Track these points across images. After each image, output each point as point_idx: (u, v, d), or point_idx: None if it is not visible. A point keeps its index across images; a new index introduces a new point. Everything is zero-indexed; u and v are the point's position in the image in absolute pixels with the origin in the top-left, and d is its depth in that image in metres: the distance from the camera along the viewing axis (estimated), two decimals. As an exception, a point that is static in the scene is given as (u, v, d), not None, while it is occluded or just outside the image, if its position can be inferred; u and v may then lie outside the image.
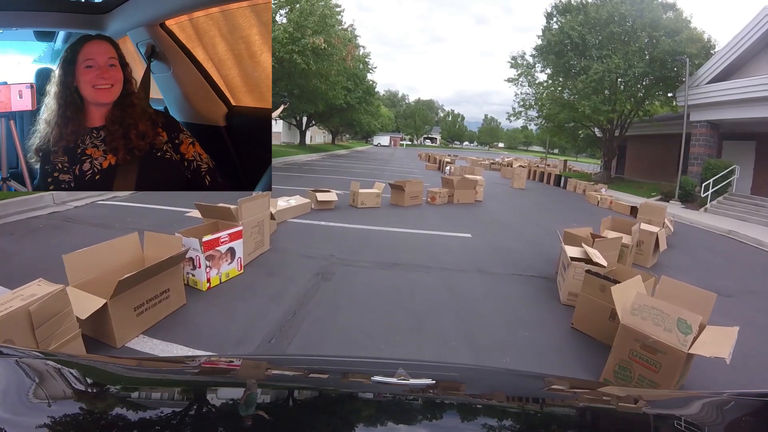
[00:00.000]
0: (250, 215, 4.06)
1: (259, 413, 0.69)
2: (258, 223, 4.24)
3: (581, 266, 3.89)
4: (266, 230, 4.49)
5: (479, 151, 78.66)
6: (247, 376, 1.00)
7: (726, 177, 13.80)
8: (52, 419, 0.60)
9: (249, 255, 4.14)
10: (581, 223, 8.92)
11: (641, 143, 22.94)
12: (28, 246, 4.26)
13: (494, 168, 25.64)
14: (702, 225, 10.56)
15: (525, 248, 5.92)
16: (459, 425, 0.73)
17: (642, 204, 8.53)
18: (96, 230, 5.00)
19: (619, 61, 17.37)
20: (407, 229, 6.34)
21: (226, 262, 3.66)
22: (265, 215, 4.39)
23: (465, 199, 9.76)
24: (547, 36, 20.52)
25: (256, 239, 4.27)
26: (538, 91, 22.81)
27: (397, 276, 4.20)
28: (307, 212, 6.84)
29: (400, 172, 18.80)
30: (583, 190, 15.76)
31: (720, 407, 0.88)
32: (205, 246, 3.40)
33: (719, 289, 4.86)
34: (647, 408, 0.92)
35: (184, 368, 1.04)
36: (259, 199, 4.20)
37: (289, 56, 14.38)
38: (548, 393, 1.02)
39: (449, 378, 1.09)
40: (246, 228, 3.98)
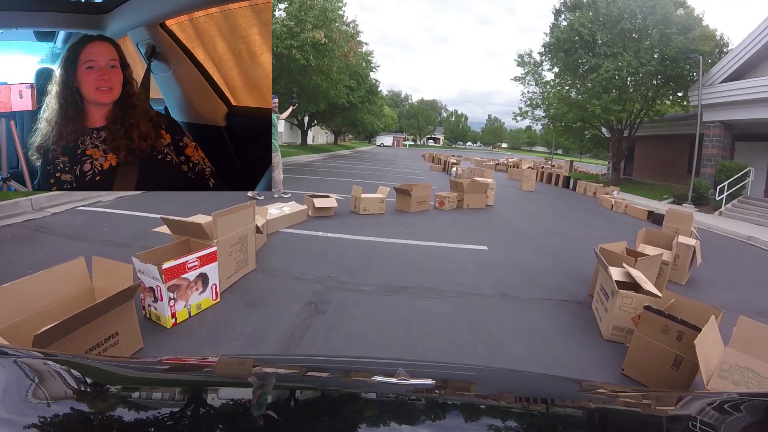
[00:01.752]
0: (228, 231, 3.35)
1: (259, 413, 0.68)
2: (240, 239, 3.54)
3: (632, 297, 3.20)
4: (251, 247, 3.78)
5: (482, 152, 78.22)
6: (248, 376, 0.96)
7: (740, 179, 13.35)
8: (52, 419, 0.59)
9: (228, 278, 3.44)
10: (600, 229, 8.29)
11: (650, 144, 22.43)
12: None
13: (499, 169, 24.91)
14: (720, 230, 10.00)
15: (548, 263, 5.21)
16: (459, 425, 0.72)
17: (668, 210, 7.77)
18: (66, 243, 4.40)
19: (630, 58, 16.75)
20: (415, 241, 5.61)
21: (196, 292, 2.96)
22: (248, 229, 3.69)
23: (475, 204, 9.04)
24: (555, 33, 20.02)
25: (238, 259, 3.57)
26: (545, 90, 22.33)
27: (407, 305, 3.48)
28: (304, 220, 6.13)
29: (404, 174, 18.09)
30: (594, 193, 15.27)
31: (720, 407, 0.86)
32: (167, 274, 2.70)
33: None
34: (648, 408, 0.92)
35: (184, 368, 1.00)
36: (240, 212, 3.50)
37: (288, 51, 13.60)
38: (548, 393, 1.00)
39: (449, 378, 1.08)
40: (223, 247, 3.28)
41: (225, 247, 3.32)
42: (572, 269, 5.07)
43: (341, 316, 3.17)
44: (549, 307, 3.79)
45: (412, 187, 7.76)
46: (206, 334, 2.76)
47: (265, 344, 2.69)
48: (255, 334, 2.81)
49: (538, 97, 22.63)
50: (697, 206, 13.58)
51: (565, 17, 20.33)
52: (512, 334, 3.17)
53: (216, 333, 2.78)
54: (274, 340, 2.75)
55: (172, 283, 2.75)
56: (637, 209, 11.07)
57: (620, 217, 10.78)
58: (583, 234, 7.61)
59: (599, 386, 1.25)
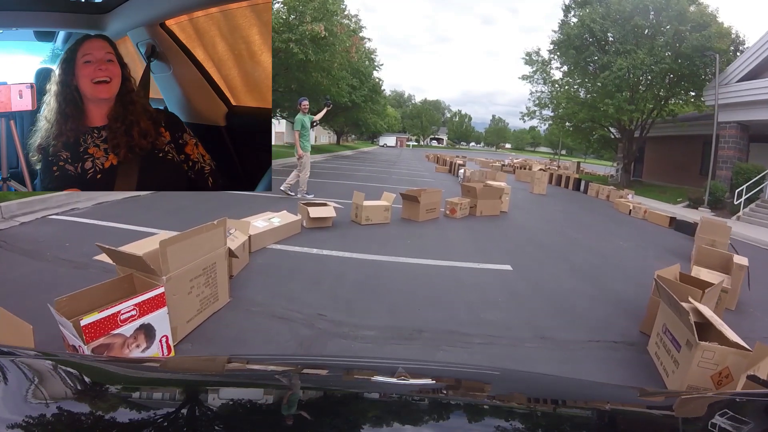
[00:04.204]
0: (186, 261, 2.54)
1: (257, 413, 0.69)
2: (204, 270, 2.73)
3: (715, 350, 2.39)
4: (221, 277, 2.97)
5: (486, 152, 77.66)
6: (248, 376, 0.96)
7: (758, 183, 12.83)
8: (52, 419, 0.59)
9: (189, 322, 2.63)
10: (625, 239, 7.47)
11: (661, 145, 21.86)
12: None
13: (506, 170, 24.04)
14: (742, 237, 9.18)
15: (583, 287, 4.40)
16: (459, 425, 0.72)
17: (703, 221, 6.93)
18: (20, 261, 3.77)
19: (644, 56, 15.98)
20: (427, 260, 4.76)
21: (137, 349, 2.16)
22: (217, 255, 2.88)
23: (489, 211, 8.20)
24: (565, 30, 19.28)
25: (202, 295, 2.75)
26: (553, 89, 21.85)
27: (423, 358, 2.66)
28: (297, 233, 5.31)
29: (408, 176, 17.29)
30: (607, 196, 14.63)
31: (720, 407, 0.86)
32: (89, 332, 1.90)
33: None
34: (648, 408, 0.92)
35: (185, 368, 1.00)
36: (203, 234, 2.69)
37: (285, 46, 12.74)
38: (548, 393, 0.99)
39: (449, 378, 1.06)
40: (178, 284, 2.48)
41: (181, 284, 2.51)
42: (611, 294, 4.27)
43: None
44: (599, 354, 2.99)
45: (420, 193, 6.93)
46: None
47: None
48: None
49: (546, 96, 22.16)
50: (714, 210, 13.06)
51: (574, 13, 19.78)
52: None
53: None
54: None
55: (98, 343, 1.95)
56: (657, 215, 10.31)
57: (640, 223, 10.04)
58: (609, 246, 6.80)
59: (599, 386, 1.23)
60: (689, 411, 0.87)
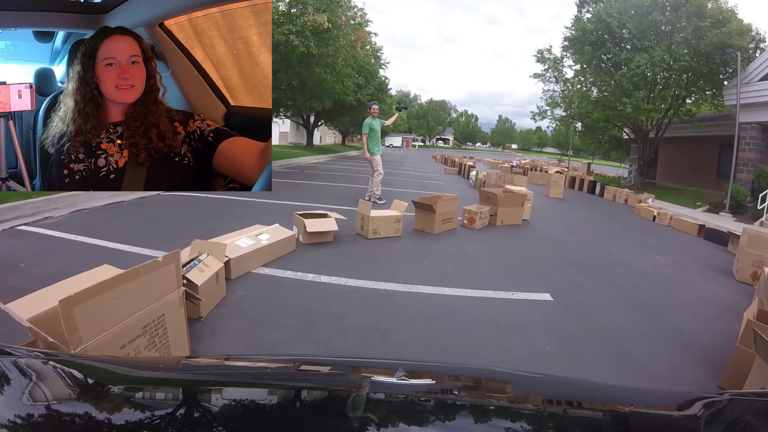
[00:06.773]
0: (112, 323, 1.71)
1: (257, 413, 0.67)
2: (145, 329, 1.89)
3: None
4: (176, 330, 2.15)
5: (493, 153, 76.97)
6: (247, 375, 0.92)
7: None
8: (52, 419, 0.59)
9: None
10: (660, 252, 6.58)
11: (676, 146, 21.07)
12: None
13: (516, 172, 23.15)
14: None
15: (641, 324, 3.58)
16: (458, 425, 0.69)
17: (749, 234, 5.94)
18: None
19: (663, 53, 15.14)
20: (451, 289, 3.87)
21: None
22: (165, 305, 2.04)
23: (510, 220, 7.33)
24: (580, 25, 18.43)
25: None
26: (566, 87, 21.23)
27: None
28: (291, 251, 4.47)
29: (416, 178, 16.46)
30: (625, 200, 13.89)
31: (720, 407, 0.84)
32: None
33: None
34: (647, 408, 0.89)
35: (185, 368, 0.99)
36: (143, 277, 1.87)
37: (285, 38, 11.92)
38: (548, 393, 0.96)
39: (449, 378, 1.03)
40: (104, 352, 1.67)
41: (110, 351, 1.70)
42: (671, 331, 3.46)
43: None
44: None
45: (436, 200, 6.06)
46: None
47: None
48: None
49: (559, 95, 21.62)
50: (735, 215, 12.48)
51: (588, 9, 18.99)
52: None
53: None
54: None
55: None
56: (684, 222, 9.44)
57: (667, 231, 9.25)
58: (647, 262, 5.96)
59: (599, 386, 1.23)
60: (689, 411, 0.82)
